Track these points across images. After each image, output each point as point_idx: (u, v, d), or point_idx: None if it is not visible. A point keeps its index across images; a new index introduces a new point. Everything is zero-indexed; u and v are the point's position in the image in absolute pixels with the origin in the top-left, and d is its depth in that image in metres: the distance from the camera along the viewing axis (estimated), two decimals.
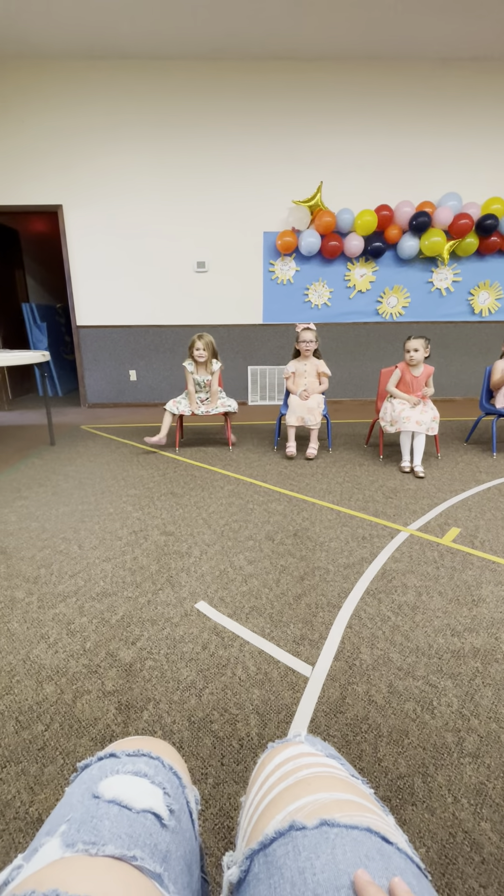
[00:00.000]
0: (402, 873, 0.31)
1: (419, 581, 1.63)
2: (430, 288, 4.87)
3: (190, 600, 1.52)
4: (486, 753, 0.96)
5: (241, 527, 2.07)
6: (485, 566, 1.72)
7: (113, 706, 1.09)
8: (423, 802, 0.87)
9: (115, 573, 1.69)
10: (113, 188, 4.49)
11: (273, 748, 0.48)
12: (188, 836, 0.40)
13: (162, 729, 1.03)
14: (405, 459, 2.85)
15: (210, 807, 0.86)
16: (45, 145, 4.36)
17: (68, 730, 1.03)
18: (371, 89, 4.35)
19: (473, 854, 0.78)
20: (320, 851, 0.32)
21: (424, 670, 1.20)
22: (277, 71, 4.27)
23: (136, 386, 5.09)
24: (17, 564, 1.76)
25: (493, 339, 5.06)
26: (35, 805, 0.87)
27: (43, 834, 0.36)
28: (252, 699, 1.12)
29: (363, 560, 1.77)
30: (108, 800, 0.37)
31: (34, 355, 3.15)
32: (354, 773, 0.45)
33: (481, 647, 1.28)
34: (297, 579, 1.65)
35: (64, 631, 1.37)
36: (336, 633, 1.35)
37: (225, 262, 4.74)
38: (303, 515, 2.18)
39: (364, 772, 0.93)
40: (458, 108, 4.43)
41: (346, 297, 4.86)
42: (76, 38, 3.85)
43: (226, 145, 4.43)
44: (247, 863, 0.35)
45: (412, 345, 2.84)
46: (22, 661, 1.25)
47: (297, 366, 3.18)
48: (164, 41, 3.93)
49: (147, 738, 0.48)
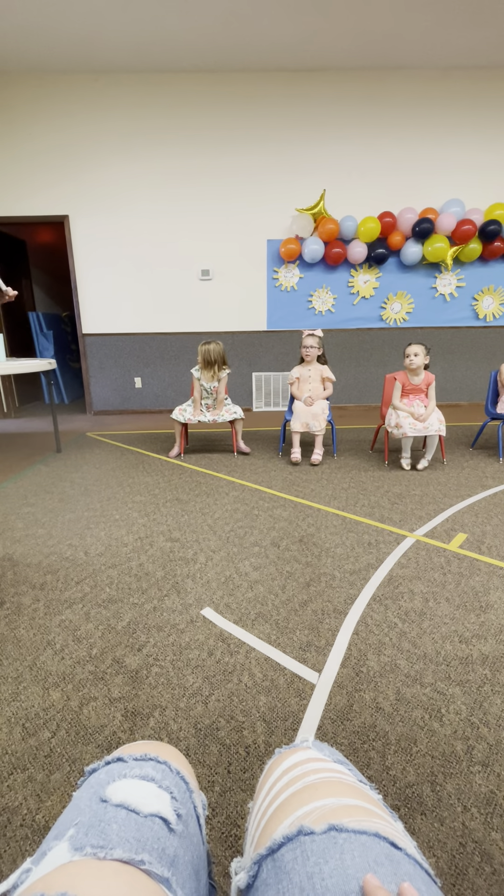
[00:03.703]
0: (412, 879, 0.31)
1: (426, 587, 1.61)
2: (433, 293, 4.88)
3: (196, 607, 1.52)
4: (495, 762, 0.95)
5: (247, 533, 2.07)
6: (492, 572, 1.70)
7: (119, 713, 1.09)
8: (432, 812, 0.85)
9: (121, 579, 1.69)
10: (118, 198, 4.56)
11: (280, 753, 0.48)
12: (196, 840, 0.40)
13: (168, 736, 1.03)
14: (405, 457, 2.90)
15: (217, 815, 0.86)
16: (52, 157, 4.44)
17: (75, 737, 1.03)
18: (373, 98, 4.39)
19: (484, 865, 0.77)
20: (329, 856, 0.32)
21: (432, 677, 1.19)
22: (280, 81, 4.33)
23: (142, 393, 5.12)
24: (24, 571, 1.77)
25: (498, 343, 5.05)
26: (42, 812, 0.87)
27: (51, 838, 0.36)
28: (258, 706, 1.11)
29: (369, 566, 1.76)
30: (116, 804, 0.37)
31: (41, 363, 3.18)
32: (362, 779, 0.45)
33: (490, 654, 1.27)
34: (302, 585, 1.64)
35: (70, 637, 1.38)
36: (343, 640, 1.34)
37: (229, 270, 4.78)
38: (308, 521, 2.18)
39: (372, 780, 0.92)
40: (460, 116, 4.46)
41: (350, 303, 4.88)
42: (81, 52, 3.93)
43: (229, 155, 4.49)
44: (255, 868, 0.35)
45: (411, 350, 2.87)
46: (28, 667, 1.26)
47: (301, 371, 3.19)
48: (167, 54, 4.00)
49: (154, 743, 0.48)
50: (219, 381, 3.25)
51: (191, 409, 3.27)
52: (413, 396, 2.97)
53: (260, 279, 4.80)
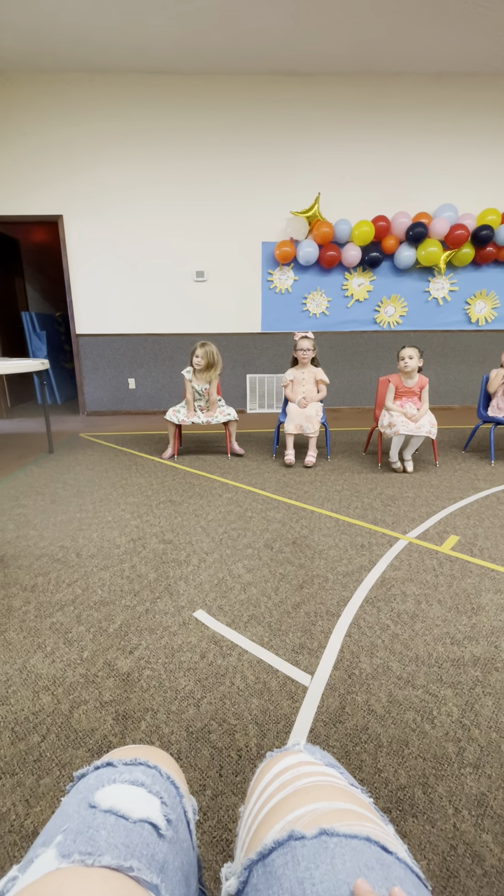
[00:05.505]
0: (402, 883, 0.31)
1: (418, 589, 1.62)
2: (427, 297, 4.91)
3: (188, 609, 1.52)
4: (486, 764, 0.95)
5: (240, 535, 2.06)
6: (484, 574, 1.72)
7: (110, 716, 1.08)
8: (423, 814, 0.86)
9: (114, 581, 1.68)
10: (113, 199, 4.54)
11: (272, 757, 0.48)
12: (186, 846, 0.40)
13: (160, 739, 1.02)
14: (394, 456, 2.91)
15: (208, 819, 0.85)
16: (46, 156, 4.41)
17: (65, 741, 1.02)
18: (368, 103, 4.42)
19: (475, 867, 0.77)
20: (319, 861, 0.31)
21: (424, 679, 1.19)
22: (276, 85, 4.35)
23: (135, 394, 5.10)
24: (15, 573, 1.75)
25: (490, 347, 5.10)
26: (30, 818, 0.85)
27: (39, 845, 0.36)
28: (251, 709, 1.10)
29: (362, 568, 1.77)
30: (105, 809, 0.37)
31: (33, 363, 3.16)
32: (354, 783, 0.44)
33: (481, 656, 1.28)
34: (295, 587, 1.64)
35: (61, 640, 1.36)
36: (335, 642, 1.34)
37: (224, 272, 4.78)
38: (301, 523, 2.18)
39: (364, 783, 0.92)
40: (454, 121, 4.51)
41: (344, 306, 4.90)
42: (77, 52, 3.92)
43: (225, 157, 4.49)
44: (245, 873, 0.34)
45: (406, 353, 2.88)
46: (18, 670, 1.24)
47: (295, 374, 3.20)
48: (163, 56, 4.00)
49: (144, 747, 0.47)
50: (209, 384, 3.24)
51: (184, 411, 3.26)
52: (406, 399, 2.99)
53: (254, 281, 4.81)
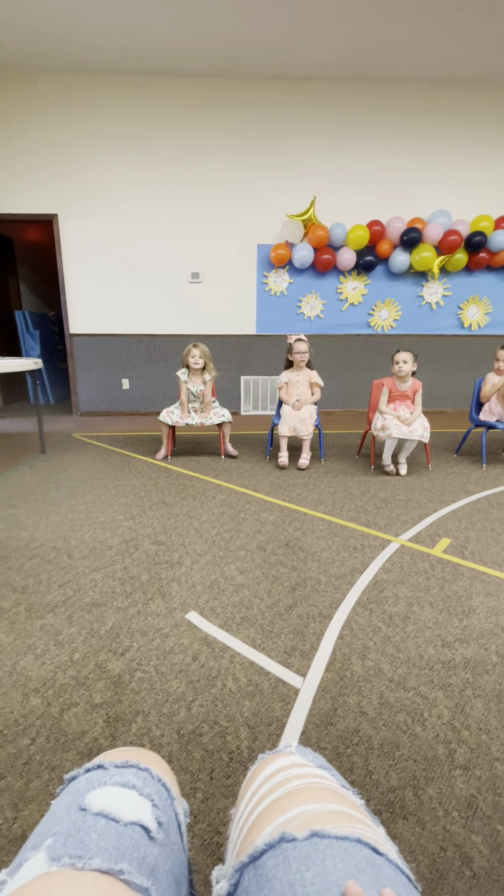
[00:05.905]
0: (393, 884, 0.31)
1: (410, 592, 1.63)
2: (420, 302, 4.95)
3: (180, 611, 1.51)
4: (476, 765, 0.96)
5: (233, 536, 2.06)
6: (475, 577, 1.73)
7: (101, 719, 1.07)
8: (413, 816, 0.86)
9: (105, 583, 1.67)
10: (109, 199, 4.54)
11: (263, 759, 0.48)
12: (177, 849, 0.40)
13: (151, 742, 1.02)
14: (387, 459, 2.92)
15: (199, 822, 0.85)
16: (42, 156, 4.40)
17: (55, 744, 1.01)
18: (364, 108, 4.46)
19: (465, 868, 0.77)
20: (311, 863, 0.31)
21: (415, 681, 1.20)
22: (273, 88, 4.37)
23: (129, 395, 5.08)
24: (5, 574, 1.74)
25: (482, 352, 5.15)
26: (19, 822, 0.85)
27: (28, 848, 0.36)
28: (242, 711, 1.10)
29: (354, 570, 1.77)
30: (95, 812, 0.37)
31: (26, 363, 3.14)
32: (345, 784, 0.45)
33: (472, 658, 1.28)
34: (288, 590, 1.64)
35: (52, 642, 1.35)
36: (327, 645, 1.35)
37: (219, 274, 4.78)
38: (294, 525, 2.18)
39: (355, 785, 0.92)
40: (449, 128, 4.56)
41: (339, 309, 4.92)
42: (74, 52, 3.91)
43: (221, 159, 4.51)
44: (236, 876, 0.34)
45: (401, 357, 2.89)
46: (8, 673, 1.23)
47: (290, 376, 3.20)
48: (161, 57, 4.01)
49: (136, 749, 0.47)
50: (204, 384, 3.24)
51: (178, 412, 3.26)
52: (399, 402, 3.01)
53: (250, 283, 4.82)
